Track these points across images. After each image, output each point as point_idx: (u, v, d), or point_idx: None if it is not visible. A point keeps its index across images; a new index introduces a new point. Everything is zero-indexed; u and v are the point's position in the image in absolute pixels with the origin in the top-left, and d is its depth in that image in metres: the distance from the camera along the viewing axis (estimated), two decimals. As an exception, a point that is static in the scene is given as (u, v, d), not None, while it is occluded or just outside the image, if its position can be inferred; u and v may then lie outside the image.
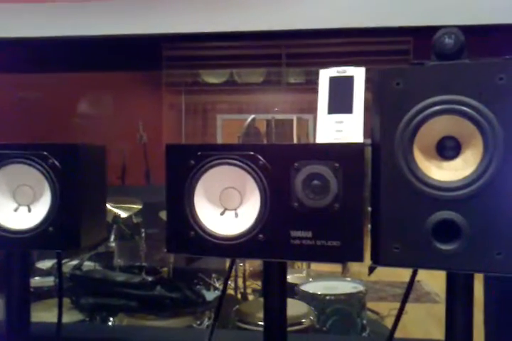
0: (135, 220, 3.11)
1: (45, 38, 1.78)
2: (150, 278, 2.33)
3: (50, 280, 2.66)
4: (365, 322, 2.67)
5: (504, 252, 0.78)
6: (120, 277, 2.37)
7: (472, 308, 0.89)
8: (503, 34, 1.62)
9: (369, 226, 0.87)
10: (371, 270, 0.86)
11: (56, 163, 1.00)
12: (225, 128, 5.76)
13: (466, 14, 1.58)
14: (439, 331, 0.93)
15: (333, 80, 0.94)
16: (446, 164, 0.82)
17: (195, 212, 0.91)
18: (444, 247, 0.81)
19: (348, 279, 2.94)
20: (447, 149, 0.83)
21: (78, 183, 1.00)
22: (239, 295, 3.42)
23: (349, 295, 2.64)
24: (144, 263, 2.97)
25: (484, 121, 0.78)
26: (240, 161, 0.89)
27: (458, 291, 0.89)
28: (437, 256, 0.81)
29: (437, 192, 0.80)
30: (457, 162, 0.82)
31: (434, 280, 4.31)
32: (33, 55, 2.00)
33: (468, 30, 0.91)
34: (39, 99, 4.42)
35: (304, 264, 3.64)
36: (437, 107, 0.81)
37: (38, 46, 1.90)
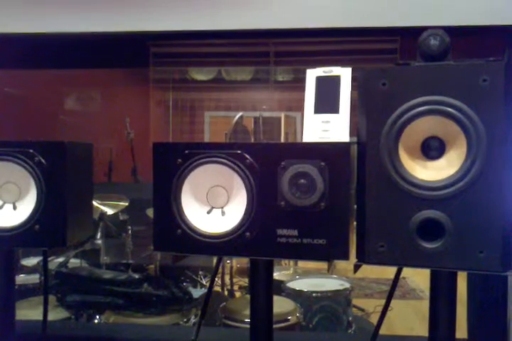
0: (121, 217, 3.09)
1: (31, 33, 1.76)
2: (137, 276, 2.33)
3: (35, 278, 2.64)
4: (351, 318, 2.69)
5: (487, 250, 0.80)
6: (106, 274, 2.36)
7: (455, 305, 0.91)
8: (488, 35, 1.64)
9: (355, 224, 0.88)
10: (356, 268, 0.87)
11: (42, 160, 0.99)
12: (213, 126, 5.75)
13: (453, 15, 1.59)
14: (423, 327, 0.95)
15: (319, 80, 0.94)
16: (430, 164, 0.84)
17: (182, 210, 0.91)
18: (428, 245, 0.82)
19: (335, 276, 2.96)
20: (432, 149, 0.84)
21: (64, 181, 1.00)
22: (226, 292, 3.42)
23: (335, 292, 2.65)
24: (130, 261, 2.96)
25: (468, 122, 0.80)
26: (227, 160, 0.89)
27: (442, 288, 0.90)
28: (421, 254, 0.82)
29: (422, 191, 0.82)
30: (441, 162, 0.83)
31: (419, 277, 4.35)
32: (19, 50, 1.98)
33: (454, 31, 0.92)
34: (25, 96, 4.37)
35: (291, 261, 3.66)
36: (422, 108, 0.82)
37: (24, 42, 1.87)
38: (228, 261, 3.48)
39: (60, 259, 2.68)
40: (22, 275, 2.76)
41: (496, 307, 1.54)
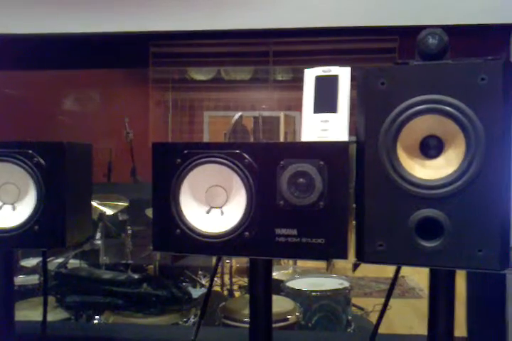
0: (121, 218, 3.09)
1: (31, 34, 1.76)
2: (136, 276, 2.33)
3: (34, 279, 2.64)
4: (350, 317, 2.69)
5: (485, 249, 0.80)
6: (106, 275, 2.36)
7: (454, 304, 0.91)
8: (488, 34, 1.64)
9: (354, 223, 0.89)
10: (355, 267, 0.87)
11: (41, 161, 0.99)
12: (212, 125, 5.75)
13: (451, 14, 1.60)
14: (423, 326, 0.95)
15: (318, 79, 0.94)
16: (429, 162, 0.84)
17: (181, 210, 0.92)
18: (426, 244, 0.82)
19: (334, 275, 2.96)
20: (430, 148, 0.84)
21: (64, 182, 1.00)
22: (225, 292, 3.42)
23: (335, 292, 2.66)
24: (129, 261, 2.96)
25: (466, 121, 0.80)
26: (225, 159, 0.89)
27: (440, 287, 0.91)
28: (420, 253, 0.82)
29: (420, 190, 0.82)
30: (440, 160, 0.83)
31: (418, 276, 4.36)
32: (18, 51, 1.98)
33: (452, 30, 0.92)
34: (25, 97, 4.37)
35: (290, 261, 3.66)
36: (420, 107, 0.82)
37: (24, 43, 1.88)
38: (227, 261, 3.48)
39: (60, 260, 2.68)
40: (21, 276, 2.76)
41: (494, 305, 1.54)
